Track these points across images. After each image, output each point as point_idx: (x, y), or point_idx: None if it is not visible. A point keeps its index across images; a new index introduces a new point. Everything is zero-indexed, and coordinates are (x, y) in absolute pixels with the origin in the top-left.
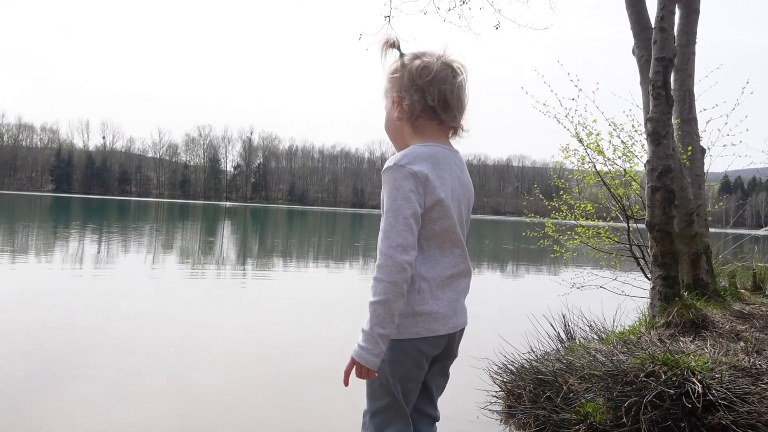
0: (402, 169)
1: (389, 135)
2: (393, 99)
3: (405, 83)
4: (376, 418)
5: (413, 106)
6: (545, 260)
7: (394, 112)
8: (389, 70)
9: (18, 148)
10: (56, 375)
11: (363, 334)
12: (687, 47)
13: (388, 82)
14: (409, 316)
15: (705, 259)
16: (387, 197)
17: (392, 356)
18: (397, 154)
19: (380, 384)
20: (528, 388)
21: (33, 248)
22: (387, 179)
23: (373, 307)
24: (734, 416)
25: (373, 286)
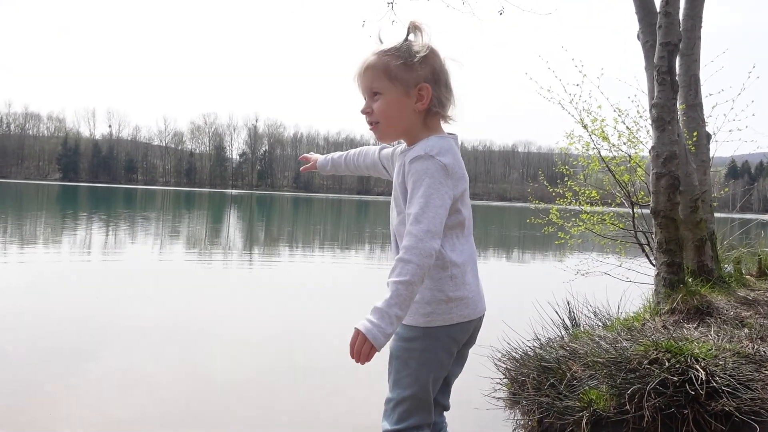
0: (433, 159)
1: (394, 121)
2: (419, 87)
3: (431, 75)
4: (400, 407)
5: (440, 100)
6: (550, 247)
7: (415, 100)
8: (405, 54)
9: (25, 137)
10: (65, 363)
11: (377, 312)
12: (692, 32)
13: (408, 69)
14: (443, 303)
15: (710, 245)
16: (418, 185)
17: (425, 344)
18: (423, 145)
19: (409, 373)
20: (532, 375)
21: (42, 237)
22: (417, 168)
23: (395, 287)
24: (737, 403)
25: (400, 266)
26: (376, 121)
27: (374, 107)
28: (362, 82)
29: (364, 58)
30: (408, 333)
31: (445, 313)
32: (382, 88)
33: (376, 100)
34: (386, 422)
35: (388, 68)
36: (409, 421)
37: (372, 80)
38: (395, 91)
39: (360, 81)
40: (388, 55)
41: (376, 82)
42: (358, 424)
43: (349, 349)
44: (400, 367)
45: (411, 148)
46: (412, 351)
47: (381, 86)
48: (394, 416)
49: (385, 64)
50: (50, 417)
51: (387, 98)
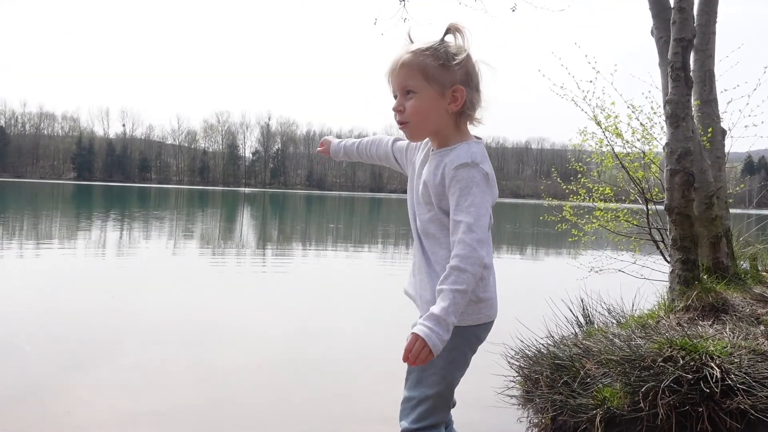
0: (478, 168)
1: (426, 120)
2: (454, 88)
3: (465, 78)
4: (422, 406)
5: (472, 103)
6: (564, 244)
7: (449, 101)
8: (443, 55)
9: (40, 136)
10: (81, 361)
11: (435, 319)
12: (707, 27)
13: (445, 70)
14: (473, 303)
15: (725, 242)
16: (465, 193)
17: (454, 343)
18: (466, 151)
19: (436, 371)
20: (545, 373)
21: (58, 235)
22: (464, 175)
23: (453, 295)
24: (753, 401)
25: (455, 275)
26: (407, 120)
27: (407, 105)
28: (395, 79)
29: (399, 56)
30: None
31: (475, 313)
32: (417, 86)
33: (410, 98)
34: (405, 421)
35: (426, 68)
36: (428, 420)
37: (407, 78)
38: (431, 91)
39: (393, 78)
40: (426, 55)
41: (412, 81)
42: (371, 419)
43: (405, 353)
44: (426, 366)
45: (451, 151)
46: (441, 350)
47: (416, 85)
48: (413, 415)
49: (423, 63)
50: (67, 414)
51: (421, 97)
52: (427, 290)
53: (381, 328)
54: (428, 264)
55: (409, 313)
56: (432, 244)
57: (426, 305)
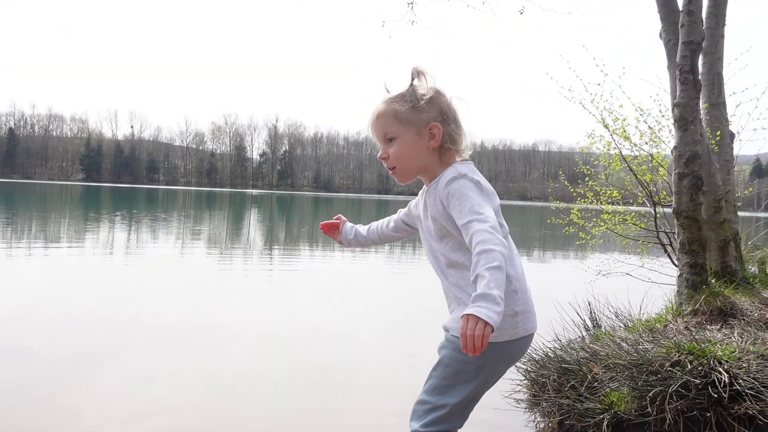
0: (466, 176)
1: (410, 161)
2: (429, 126)
3: (439, 114)
4: (437, 412)
5: (451, 135)
6: (571, 247)
7: (428, 139)
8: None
9: (48, 138)
10: (90, 361)
11: (480, 297)
12: (716, 30)
13: (417, 111)
14: (510, 317)
15: (734, 245)
16: (463, 199)
17: (483, 360)
18: (451, 170)
19: (457, 383)
20: (552, 377)
21: (66, 236)
22: (456, 187)
23: (489, 272)
24: (761, 406)
25: (485, 257)
26: (393, 165)
27: (390, 152)
28: (375, 130)
29: (376, 107)
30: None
31: (512, 328)
32: (395, 132)
33: (392, 145)
34: (416, 423)
35: (398, 113)
36: (439, 426)
37: (385, 127)
38: (408, 134)
39: (373, 130)
40: (395, 102)
41: (389, 128)
42: (378, 423)
43: (462, 340)
44: (448, 375)
45: (438, 178)
46: (468, 364)
47: (394, 131)
48: (426, 419)
49: (394, 109)
50: (76, 416)
51: (401, 141)
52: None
53: (389, 329)
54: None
55: (420, 313)
56: (462, 274)
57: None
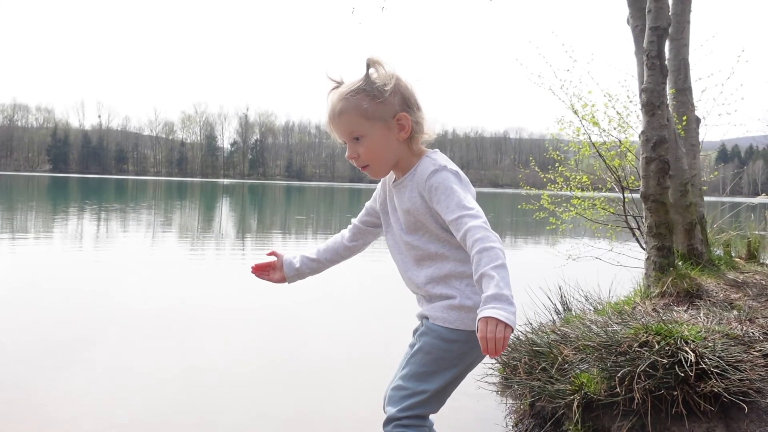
0: (446, 169)
1: (383, 157)
2: (397, 117)
3: (403, 103)
4: (414, 398)
5: (418, 124)
6: (542, 232)
7: (397, 131)
8: (374, 91)
9: (14, 128)
10: (59, 354)
11: (494, 298)
12: (682, 16)
13: (382, 104)
14: None
15: (700, 228)
16: (448, 192)
17: (464, 348)
18: (428, 161)
19: (436, 371)
20: (523, 360)
21: (34, 229)
22: (438, 180)
23: (497, 271)
24: (726, 384)
25: (487, 255)
26: (366, 164)
27: (360, 152)
28: (338, 128)
29: (333, 104)
30: (450, 335)
31: None
32: (363, 130)
33: (360, 144)
34: (392, 408)
35: (363, 110)
36: (416, 410)
37: (349, 125)
38: (376, 129)
39: (335, 128)
40: (358, 97)
41: (355, 126)
42: (359, 418)
43: (482, 343)
44: (428, 362)
45: (415, 171)
46: (448, 352)
47: (361, 129)
48: (403, 403)
49: (359, 106)
50: (44, 407)
51: (370, 139)
52: (450, 299)
53: (365, 319)
54: (449, 287)
55: (393, 303)
56: (442, 265)
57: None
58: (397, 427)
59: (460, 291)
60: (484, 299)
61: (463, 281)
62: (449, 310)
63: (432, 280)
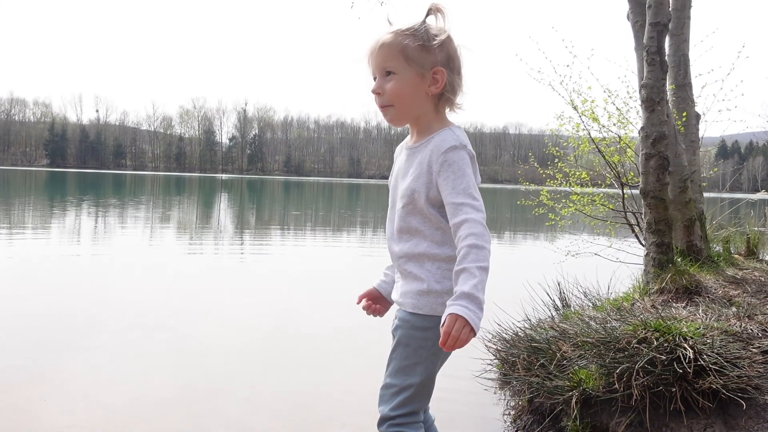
0: (466, 149)
1: (407, 103)
2: (434, 70)
3: (446, 60)
4: (403, 394)
5: (452, 86)
6: (541, 228)
7: (429, 83)
8: (423, 36)
9: (11, 122)
10: (57, 348)
11: (467, 297)
12: (682, 11)
13: (425, 51)
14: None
15: (699, 225)
16: (460, 174)
17: (437, 333)
18: (451, 135)
19: (418, 361)
20: (522, 356)
21: (32, 223)
22: (455, 158)
23: (479, 272)
24: (725, 380)
25: (476, 253)
26: (389, 103)
27: (386, 87)
28: (375, 59)
29: (378, 37)
30: (423, 323)
31: None
32: (397, 67)
33: (389, 80)
34: (384, 407)
35: (406, 48)
36: (408, 407)
37: (386, 59)
38: (410, 72)
39: (373, 59)
40: (405, 35)
41: (391, 61)
42: (355, 409)
43: (444, 337)
44: (409, 355)
45: (433, 138)
46: (425, 340)
47: (396, 66)
48: (393, 402)
49: (402, 43)
50: (43, 402)
51: (401, 78)
52: (419, 282)
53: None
54: (419, 266)
55: None
56: (417, 243)
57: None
58: (391, 426)
59: (430, 274)
60: (459, 293)
61: (435, 263)
62: (419, 296)
63: (405, 255)
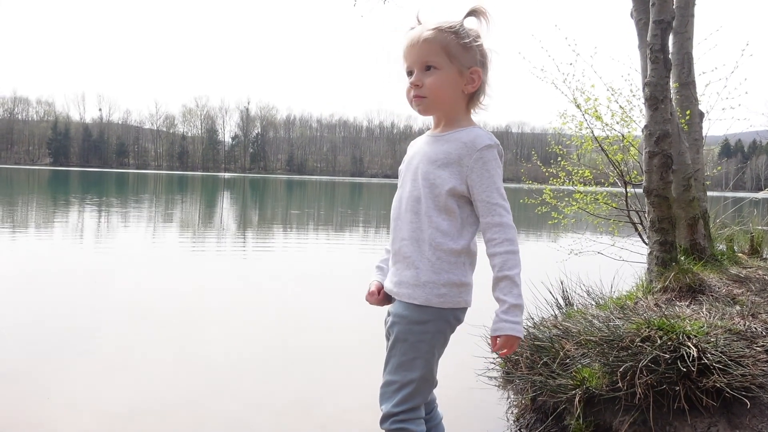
0: (498, 148)
1: (444, 98)
2: (471, 69)
3: (483, 61)
4: (405, 389)
5: (484, 87)
6: (544, 227)
7: (465, 81)
8: (464, 35)
9: (14, 121)
10: (61, 347)
11: (514, 308)
12: (686, 9)
13: (466, 50)
14: (456, 286)
15: (702, 223)
16: (493, 174)
17: (437, 326)
18: (484, 134)
19: (418, 355)
20: (525, 355)
21: (35, 221)
22: (490, 157)
23: (519, 279)
24: (729, 379)
25: (513, 258)
26: (424, 95)
27: (426, 81)
28: (416, 53)
29: (421, 30)
30: (420, 315)
31: (456, 296)
32: (439, 63)
33: (430, 74)
34: (386, 405)
35: (449, 45)
36: (411, 402)
37: (429, 54)
38: (452, 69)
39: (413, 52)
40: (449, 33)
41: (434, 57)
42: (357, 407)
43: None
44: (408, 350)
45: (463, 132)
46: (424, 334)
47: (438, 61)
48: (396, 398)
49: (446, 40)
50: (48, 400)
51: (442, 74)
52: (414, 270)
53: (364, 310)
54: (419, 253)
55: None
56: (423, 226)
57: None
58: (394, 423)
59: (429, 262)
60: (508, 305)
61: (435, 252)
62: (414, 287)
63: (408, 237)
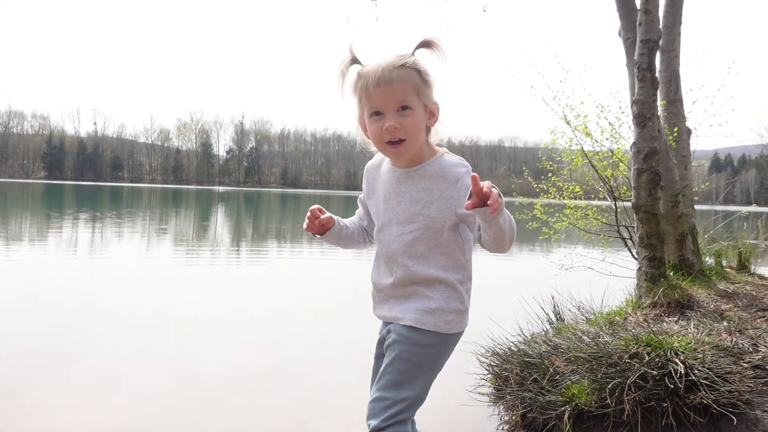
0: (468, 167)
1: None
2: (432, 104)
3: (433, 91)
4: (397, 406)
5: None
6: (535, 242)
7: (428, 116)
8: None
9: (9, 135)
10: (53, 365)
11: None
12: (673, 28)
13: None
14: (460, 313)
15: (691, 239)
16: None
17: (441, 350)
18: (455, 159)
19: (417, 375)
20: (515, 371)
21: (29, 236)
22: (468, 179)
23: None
24: (716, 395)
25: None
26: (404, 137)
27: (403, 123)
28: (389, 93)
29: (389, 69)
30: (427, 339)
31: (459, 322)
32: (412, 103)
33: (406, 115)
34: (374, 420)
35: (417, 84)
36: (399, 417)
37: (404, 94)
38: (420, 107)
39: (384, 91)
40: (413, 71)
41: (407, 96)
42: (349, 424)
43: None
44: (408, 370)
45: (434, 164)
46: (427, 356)
47: (412, 102)
48: (385, 414)
49: (414, 79)
50: (38, 419)
51: (416, 114)
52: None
53: (359, 326)
54: (428, 286)
55: None
56: (424, 265)
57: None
58: None
59: (439, 293)
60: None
61: (441, 285)
62: (425, 314)
63: (412, 278)
